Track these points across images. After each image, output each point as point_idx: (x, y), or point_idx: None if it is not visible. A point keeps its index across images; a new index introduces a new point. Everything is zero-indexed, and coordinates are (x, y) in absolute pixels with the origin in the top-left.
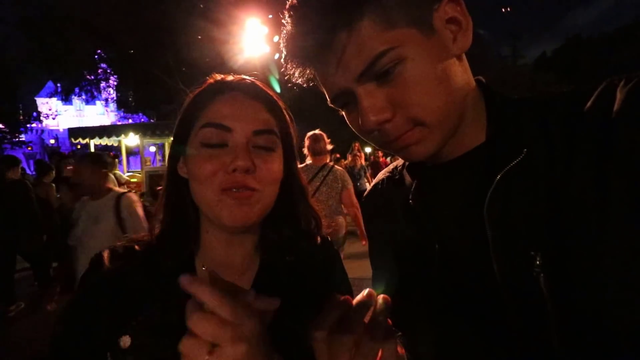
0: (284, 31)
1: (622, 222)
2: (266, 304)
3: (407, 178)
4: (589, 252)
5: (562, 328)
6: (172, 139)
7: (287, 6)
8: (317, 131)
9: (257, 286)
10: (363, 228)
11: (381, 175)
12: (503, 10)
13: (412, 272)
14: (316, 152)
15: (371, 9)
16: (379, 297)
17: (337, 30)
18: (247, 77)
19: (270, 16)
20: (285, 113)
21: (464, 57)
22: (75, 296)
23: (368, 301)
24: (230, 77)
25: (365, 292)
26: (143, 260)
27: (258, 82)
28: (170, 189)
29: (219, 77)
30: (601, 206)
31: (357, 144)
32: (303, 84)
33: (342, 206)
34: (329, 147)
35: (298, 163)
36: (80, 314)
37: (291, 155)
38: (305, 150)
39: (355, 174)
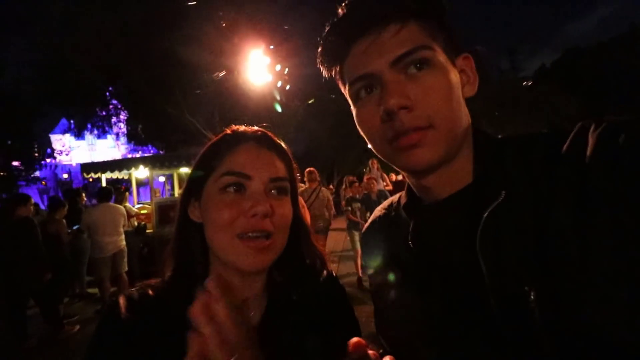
0: (336, 15)
1: (602, 258)
2: None
3: (404, 215)
4: (575, 286)
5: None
6: (180, 171)
7: None
8: (311, 168)
9: (265, 325)
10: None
11: (377, 212)
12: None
13: (413, 307)
14: (311, 180)
15: (423, 20)
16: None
17: (393, 19)
18: (259, 129)
19: (272, 47)
20: (293, 161)
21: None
22: (93, 342)
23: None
24: (242, 128)
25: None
26: (156, 305)
27: (269, 133)
28: (182, 233)
29: (234, 128)
30: (582, 244)
31: (374, 162)
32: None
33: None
34: (318, 178)
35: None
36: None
37: (296, 198)
38: (305, 179)
39: (372, 203)
